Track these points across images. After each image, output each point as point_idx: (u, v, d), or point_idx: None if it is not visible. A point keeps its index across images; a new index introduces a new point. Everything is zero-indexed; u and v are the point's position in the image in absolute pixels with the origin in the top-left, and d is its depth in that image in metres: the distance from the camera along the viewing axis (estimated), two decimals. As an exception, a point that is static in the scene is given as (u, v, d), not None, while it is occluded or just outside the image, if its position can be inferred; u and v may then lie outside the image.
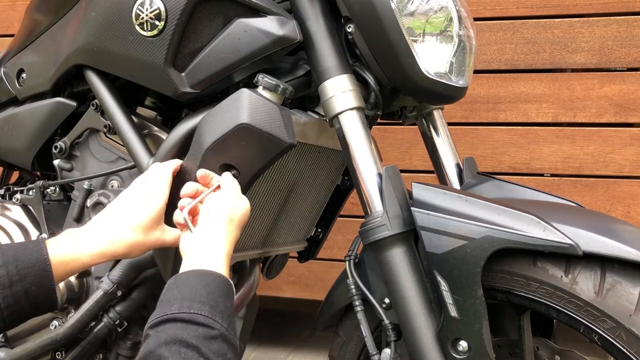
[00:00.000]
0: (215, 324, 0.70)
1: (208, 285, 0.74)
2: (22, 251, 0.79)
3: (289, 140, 0.91)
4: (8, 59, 1.29)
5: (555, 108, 1.85)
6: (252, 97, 0.91)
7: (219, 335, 0.70)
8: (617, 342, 0.79)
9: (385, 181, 0.90)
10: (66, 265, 0.82)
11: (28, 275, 0.77)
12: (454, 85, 1.00)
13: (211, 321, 0.70)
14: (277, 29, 0.94)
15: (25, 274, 0.77)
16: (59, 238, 0.84)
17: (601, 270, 0.81)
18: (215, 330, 0.70)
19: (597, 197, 1.83)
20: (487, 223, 0.83)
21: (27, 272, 0.78)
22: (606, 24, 1.79)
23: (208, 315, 0.70)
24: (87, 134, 1.15)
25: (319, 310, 1.14)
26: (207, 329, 0.69)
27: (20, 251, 0.79)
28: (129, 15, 0.99)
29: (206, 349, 0.67)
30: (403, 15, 0.94)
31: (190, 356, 0.66)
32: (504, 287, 0.86)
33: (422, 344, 0.86)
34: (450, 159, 1.14)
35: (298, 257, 1.34)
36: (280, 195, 1.12)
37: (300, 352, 2.18)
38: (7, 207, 1.24)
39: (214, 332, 0.69)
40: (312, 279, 2.07)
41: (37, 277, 0.78)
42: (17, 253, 0.79)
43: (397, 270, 0.88)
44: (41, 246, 0.81)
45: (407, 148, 1.96)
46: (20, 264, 0.78)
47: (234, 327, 0.74)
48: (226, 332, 0.71)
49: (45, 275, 0.79)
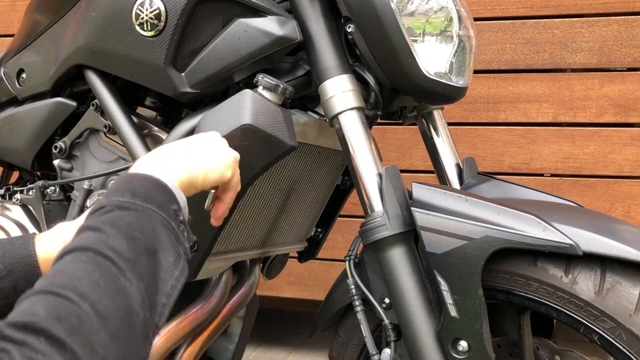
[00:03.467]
0: (110, 201, 0.65)
1: (132, 181, 0.69)
2: (10, 247, 0.79)
3: (290, 142, 0.91)
4: (8, 59, 1.29)
5: (555, 108, 1.85)
6: (255, 98, 0.92)
7: (111, 206, 0.64)
8: (617, 342, 0.79)
9: (385, 181, 0.90)
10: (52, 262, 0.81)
11: (15, 271, 0.77)
12: (454, 85, 1.00)
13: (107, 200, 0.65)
14: (277, 29, 0.94)
15: (13, 270, 0.77)
16: (49, 233, 0.83)
17: (601, 270, 0.81)
18: (107, 207, 0.64)
19: (597, 197, 1.83)
20: (487, 223, 0.83)
21: (14, 267, 0.77)
22: (606, 24, 1.79)
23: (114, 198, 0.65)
24: (87, 134, 1.15)
25: (319, 310, 1.14)
26: (100, 210, 0.64)
27: (9, 247, 0.79)
28: (129, 15, 0.99)
29: (91, 222, 0.63)
30: (403, 15, 0.94)
31: (88, 237, 0.61)
32: (504, 287, 0.86)
33: (422, 344, 0.86)
34: (450, 159, 1.14)
35: (298, 257, 1.34)
36: (280, 195, 1.12)
37: (300, 352, 2.18)
38: (7, 207, 1.24)
39: (107, 207, 0.64)
40: (312, 279, 2.08)
41: (24, 273, 0.77)
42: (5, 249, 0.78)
43: (397, 270, 0.88)
44: (29, 242, 0.80)
45: (407, 148, 1.96)
46: (7, 259, 0.77)
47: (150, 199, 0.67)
48: (119, 203, 0.64)
49: (33, 271, 0.78)
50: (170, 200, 0.69)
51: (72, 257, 0.58)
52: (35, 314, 0.50)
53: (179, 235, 0.67)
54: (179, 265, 0.65)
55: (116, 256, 0.58)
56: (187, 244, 0.69)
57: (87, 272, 0.56)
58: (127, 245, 0.60)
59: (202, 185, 0.78)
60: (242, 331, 1.32)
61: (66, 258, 0.58)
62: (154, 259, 0.62)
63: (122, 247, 0.60)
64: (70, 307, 0.52)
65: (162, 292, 0.62)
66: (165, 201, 0.68)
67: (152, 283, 0.61)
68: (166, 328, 1.09)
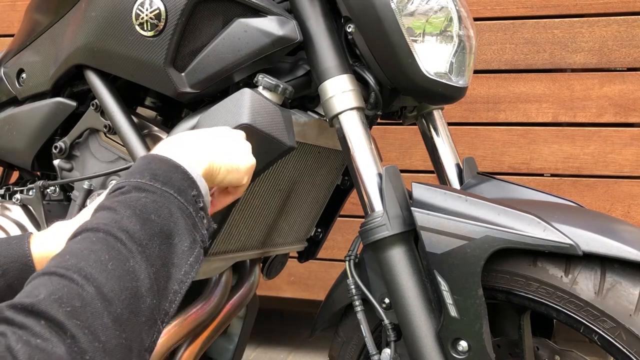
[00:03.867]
0: (129, 182, 0.64)
1: (150, 162, 0.68)
2: (6, 246, 0.78)
3: (289, 143, 0.91)
4: (8, 59, 1.29)
5: (555, 108, 1.85)
6: (254, 98, 0.91)
7: (129, 187, 0.63)
8: (617, 342, 0.79)
9: (385, 181, 0.90)
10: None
11: (10, 270, 0.76)
12: (454, 85, 1.00)
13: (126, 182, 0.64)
14: (277, 29, 0.94)
15: (8, 269, 0.76)
16: (44, 233, 0.82)
17: (601, 270, 0.81)
18: (125, 187, 0.63)
19: (597, 197, 1.83)
20: (487, 223, 0.83)
21: (9, 266, 0.77)
22: (606, 24, 1.79)
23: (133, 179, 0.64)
24: (87, 134, 1.15)
25: (319, 310, 1.14)
26: (118, 190, 0.64)
27: (4, 246, 0.78)
28: (129, 15, 0.99)
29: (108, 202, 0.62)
30: (403, 15, 0.94)
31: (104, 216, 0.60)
32: (504, 287, 0.86)
33: (422, 344, 0.86)
34: (450, 159, 1.14)
35: (298, 257, 1.34)
36: (280, 195, 1.12)
37: (300, 352, 2.18)
38: (7, 207, 1.24)
39: (125, 188, 0.63)
40: (312, 279, 2.08)
41: (19, 272, 0.77)
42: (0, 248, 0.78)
43: (397, 270, 0.88)
44: (24, 241, 0.79)
45: (407, 148, 1.96)
46: (2, 258, 0.77)
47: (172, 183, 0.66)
48: (137, 184, 0.63)
49: (28, 270, 0.77)
50: (190, 186, 0.67)
51: (82, 237, 0.57)
52: (37, 295, 0.49)
53: (196, 221, 0.66)
54: (194, 252, 0.64)
55: (127, 237, 0.57)
56: (204, 231, 0.67)
57: (95, 252, 0.55)
58: (140, 227, 0.59)
59: (220, 181, 0.76)
60: (242, 331, 1.32)
61: (77, 238, 0.57)
62: (168, 244, 0.61)
63: (134, 229, 0.58)
64: (74, 289, 0.51)
65: (175, 278, 0.60)
66: (185, 186, 0.66)
67: (164, 268, 0.59)
68: (166, 328, 1.09)
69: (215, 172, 0.75)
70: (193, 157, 0.71)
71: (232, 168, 0.77)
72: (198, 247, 0.65)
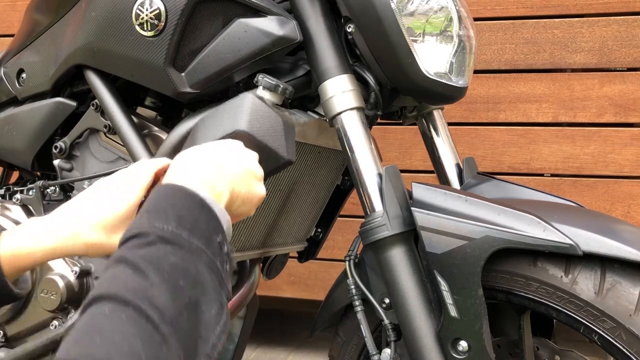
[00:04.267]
0: (153, 229, 0.58)
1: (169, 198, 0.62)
2: None
3: (287, 156, 0.89)
4: (8, 59, 1.29)
5: (555, 108, 1.85)
6: (255, 104, 0.90)
7: (154, 237, 0.58)
8: (617, 342, 0.79)
9: (385, 181, 0.90)
10: (15, 260, 0.74)
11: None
12: (454, 85, 1.00)
13: (150, 228, 0.58)
14: (277, 29, 0.94)
15: None
16: (17, 229, 0.78)
17: (601, 270, 0.81)
18: (150, 236, 0.58)
19: (597, 197, 1.83)
20: (487, 223, 0.83)
21: None
22: (606, 24, 1.79)
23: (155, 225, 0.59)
24: (87, 134, 1.15)
25: (319, 310, 1.14)
26: (142, 238, 0.58)
27: None
28: (129, 15, 0.99)
29: (131, 255, 0.56)
30: (403, 15, 0.94)
31: (120, 271, 0.55)
32: (504, 287, 0.86)
33: (422, 344, 0.86)
34: (450, 159, 1.14)
35: (298, 257, 1.34)
36: (280, 195, 1.12)
37: (300, 352, 2.18)
38: (7, 207, 1.24)
39: (149, 239, 0.57)
40: (312, 279, 2.08)
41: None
42: None
43: (397, 270, 0.88)
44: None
45: (407, 148, 1.96)
46: None
47: (197, 233, 0.60)
48: (162, 233, 0.58)
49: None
50: (215, 229, 0.62)
51: (110, 312, 0.51)
52: None
53: (223, 278, 0.60)
54: (220, 320, 0.58)
55: (159, 318, 0.52)
56: (229, 284, 0.62)
57: (127, 338, 0.49)
58: (171, 300, 0.53)
59: (233, 210, 0.72)
60: (242, 331, 1.32)
61: (103, 309, 0.51)
62: (195, 313, 0.55)
63: (166, 305, 0.53)
64: None
65: (202, 353, 0.55)
66: (210, 232, 0.61)
67: (192, 344, 0.54)
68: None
69: (234, 201, 0.71)
70: (217, 185, 0.67)
71: (247, 199, 0.73)
72: (225, 313, 0.60)
